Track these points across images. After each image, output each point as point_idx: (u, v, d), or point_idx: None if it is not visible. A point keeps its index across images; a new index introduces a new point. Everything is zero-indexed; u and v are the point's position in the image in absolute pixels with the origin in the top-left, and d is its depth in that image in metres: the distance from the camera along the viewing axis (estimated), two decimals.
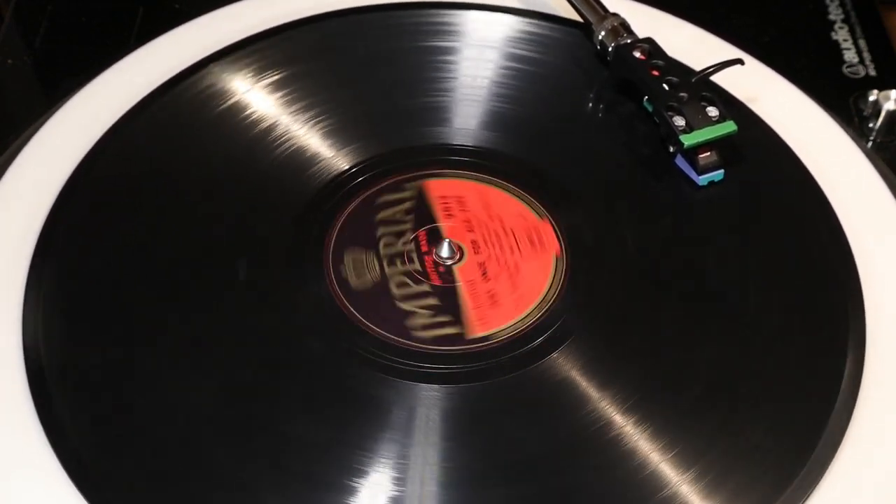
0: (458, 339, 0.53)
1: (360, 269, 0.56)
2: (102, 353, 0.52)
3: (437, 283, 0.56)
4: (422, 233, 0.57)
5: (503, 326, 0.54)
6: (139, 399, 0.51)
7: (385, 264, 0.56)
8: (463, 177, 0.60)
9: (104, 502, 0.48)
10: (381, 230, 0.57)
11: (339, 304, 0.54)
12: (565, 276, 0.56)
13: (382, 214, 0.58)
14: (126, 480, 0.48)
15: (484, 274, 0.56)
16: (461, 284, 0.56)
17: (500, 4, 0.67)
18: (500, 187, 0.60)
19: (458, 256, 0.57)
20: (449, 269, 0.56)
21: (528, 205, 0.59)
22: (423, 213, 0.58)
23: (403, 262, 0.56)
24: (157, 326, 0.53)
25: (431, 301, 0.55)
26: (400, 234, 0.57)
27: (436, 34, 0.65)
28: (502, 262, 0.57)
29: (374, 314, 0.54)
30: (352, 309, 0.54)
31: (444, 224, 0.58)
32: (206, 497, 0.48)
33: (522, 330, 0.54)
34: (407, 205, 0.58)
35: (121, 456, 0.49)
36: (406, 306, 0.55)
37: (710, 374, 0.52)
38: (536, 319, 0.54)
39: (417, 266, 0.56)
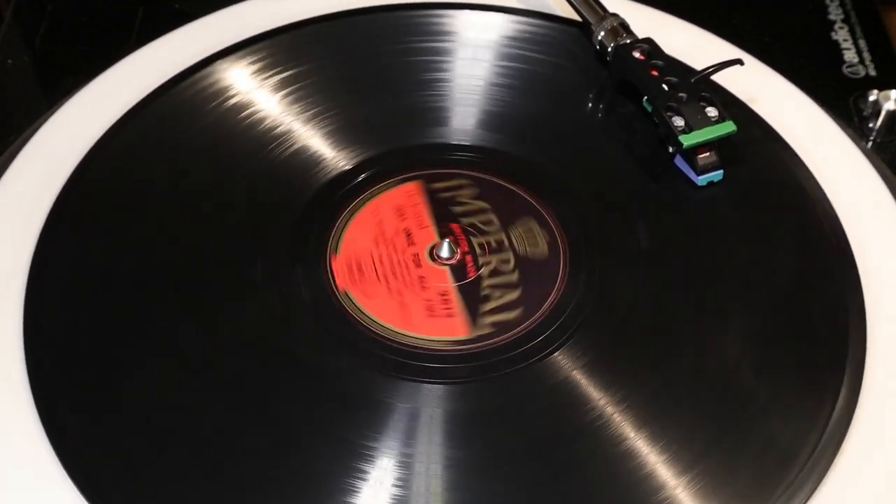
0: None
1: (531, 239, 0.57)
2: (103, 353, 0.52)
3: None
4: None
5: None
6: (140, 401, 0.51)
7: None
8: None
9: (104, 502, 0.48)
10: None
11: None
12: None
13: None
14: (126, 481, 0.48)
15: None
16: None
17: (501, 5, 0.67)
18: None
19: (458, 256, 0.57)
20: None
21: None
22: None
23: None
24: (158, 326, 0.53)
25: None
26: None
27: (436, 34, 0.66)
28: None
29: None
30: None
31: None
32: (207, 497, 0.48)
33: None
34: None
35: (121, 456, 0.49)
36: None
37: (709, 374, 0.52)
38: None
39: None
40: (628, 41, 0.62)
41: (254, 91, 0.62)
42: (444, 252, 0.57)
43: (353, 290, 0.55)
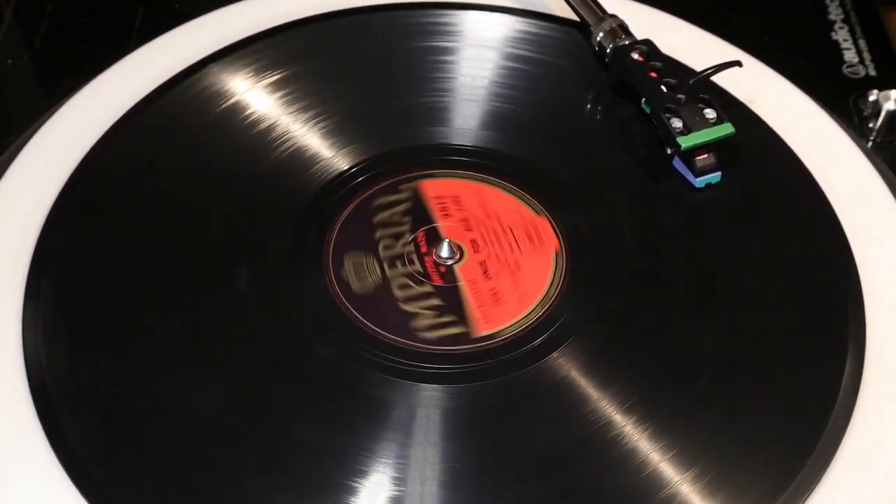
0: (464, 338, 0.54)
1: (361, 273, 0.56)
2: (103, 355, 0.52)
3: (439, 283, 0.56)
4: (420, 234, 0.58)
5: (508, 324, 0.54)
6: (140, 402, 0.51)
7: (386, 266, 0.56)
8: (458, 176, 0.60)
9: (104, 502, 0.48)
10: (379, 232, 0.57)
11: (339, 304, 0.54)
12: (566, 273, 0.56)
13: (380, 217, 0.58)
14: (126, 481, 0.48)
15: (485, 272, 0.56)
16: (463, 284, 0.56)
17: (500, 5, 0.67)
18: (497, 185, 0.60)
19: (458, 256, 0.57)
20: (450, 268, 0.56)
21: (524, 202, 0.59)
22: (420, 214, 0.58)
23: (404, 264, 0.56)
24: (158, 328, 0.53)
25: (435, 301, 0.55)
26: (399, 236, 0.57)
27: (435, 34, 0.66)
28: (503, 260, 0.57)
29: (377, 317, 0.54)
30: (352, 309, 0.54)
31: (441, 224, 0.58)
32: (207, 498, 0.48)
33: (526, 327, 0.54)
34: (403, 206, 0.58)
35: (121, 456, 0.49)
36: (409, 308, 0.55)
37: (709, 374, 0.52)
38: (540, 316, 0.54)
39: (418, 267, 0.56)
40: (627, 42, 0.62)
41: (253, 91, 0.62)
42: (444, 252, 0.57)
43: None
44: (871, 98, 0.67)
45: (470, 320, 0.54)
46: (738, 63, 0.61)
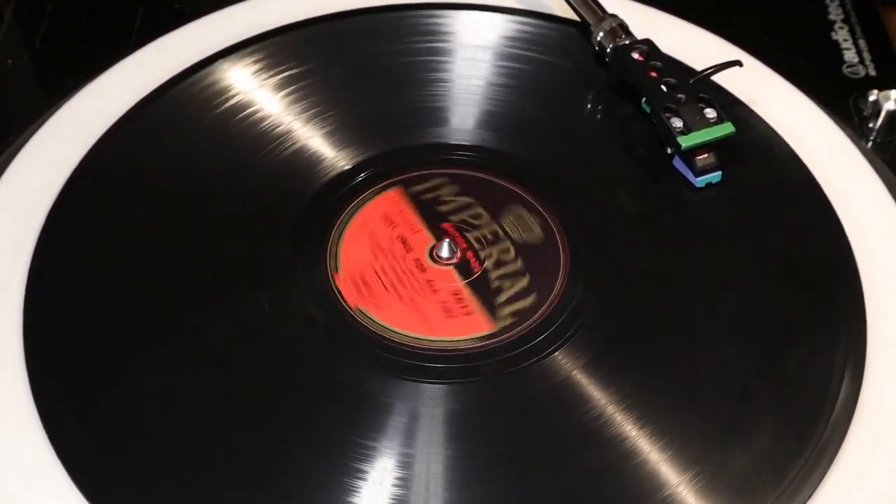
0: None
1: (524, 225, 0.57)
2: (102, 352, 0.52)
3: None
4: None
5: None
6: (140, 402, 0.51)
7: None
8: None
9: (104, 501, 0.48)
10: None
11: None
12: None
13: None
14: (126, 480, 0.48)
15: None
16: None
17: (501, 5, 0.67)
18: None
19: (458, 255, 0.57)
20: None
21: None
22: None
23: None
24: (158, 326, 0.53)
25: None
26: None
27: (435, 35, 0.66)
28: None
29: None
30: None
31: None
32: (207, 497, 0.48)
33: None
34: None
35: (121, 455, 0.49)
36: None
37: (710, 374, 0.52)
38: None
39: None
40: (627, 42, 0.62)
41: (253, 91, 0.62)
42: (445, 252, 0.57)
43: (364, 306, 0.55)
44: (871, 98, 0.67)
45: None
46: (738, 63, 0.61)
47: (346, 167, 0.60)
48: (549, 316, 0.54)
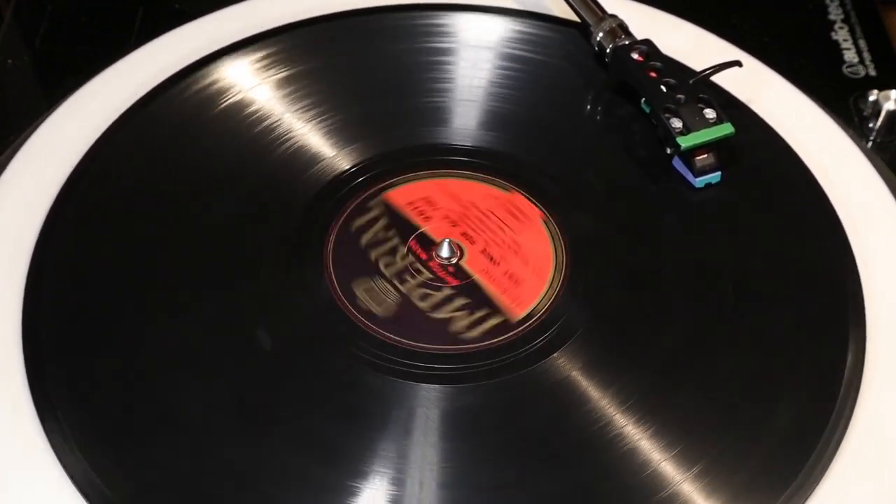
0: (506, 326, 0.54)
1: (376, 297, 0.55)
2: (102, 353, 0.52)
3: (455, 283, 0.56)
4: (412, 242, 0.57)
5: (538, 299, 0.55)
6: (140, 402, 0.51)
7: (397, 283, 0.56)
8: (419, 178, 0.60)
9: (103, 501, 0.48)
10: (373, 253, 0.57)
11: (339, 304, 0.54)
12: (563, 239, 0.57)
13: (365, 238, 0.57)
14: (126, 479, 0.48)
15: (491, 259, 0.56)
16: (478, 276, 0.56)
17: (501, 6, 0.67)
18: (460, 177, 0.60)
19: (459, 253, 0.57)
20: (458, 266, 0.56)
21: (490, 184, 0.59)
22: (402, 225, 0.58)
23: (413, 276, 0.56)
24: (157, 328, 0.53)
25: (461, 301, 0.55)
26: (394, 251, 0.57)
27: (436, 35, 0.66)
28: (501, 243, 0.57)
29: (414, 332, 0.54)
30: (351, 309, 0.54)
31: (428, 227, 0.58)
32: (206, 497, 0.48)
33: (510, 336, 0.54)
34: (382, 222, 0.58)
35: (121, 455, 0.49)
36: (440, 315, 0.55)
37: (710, 374, 0.52)
38: (547, 306, 0.54)
39: (428, 274, 0.56)
40: (627, 42, 0.62)
41: (253, 91, 0.62)
42: (445, 252, 0.57)
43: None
44: (871, 98, 0.67)
45: (502, 307, 0.55)
46: (737, 63, 0.61)
47: (346, 167, 0.60)
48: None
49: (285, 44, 0.65)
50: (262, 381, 0.52)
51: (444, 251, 0.57)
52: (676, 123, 0.58)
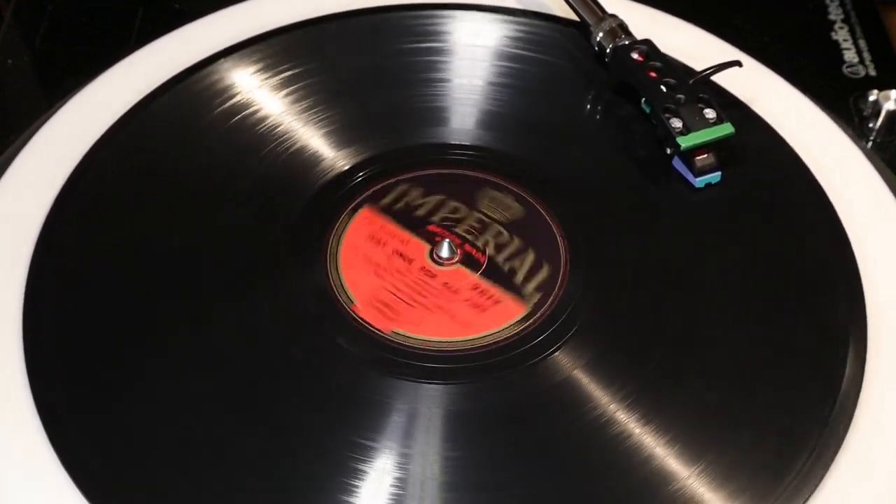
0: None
1: (501, 204, 0.58)
2: (102, 353, 0.52)
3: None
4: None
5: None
6: (140, 402, 0.51)
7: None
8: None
9: (103, 501, 0.48)
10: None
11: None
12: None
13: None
14: (126, 480, 0.48)
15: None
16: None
17: (500, 5, 0.67)
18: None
19: (458, 255, 0.57)
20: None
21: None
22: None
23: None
24: (157, 326, 0.53)
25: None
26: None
27: (435, 35, 0.66)
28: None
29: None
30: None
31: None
32: (206, 497, 0.48)
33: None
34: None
35: (121, 455, 0.49)
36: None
37: (711, 374, 0.52)
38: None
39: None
40: (627, 42, 0.62)
41: (253, 91, 0.62)
42: (445, 252, 0.57)
43: (398, 326, 0.54)
44: (871, 98, 0.67)
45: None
46: (737, 63, 0.61)
47: (346, 167, 0.60)
48: (549, 316, 0.54)
49: (286, 44, 0.65)
50: (262, 381, 0.52)
51: (444, 251, 0.57)
52: (676, 123, 0.58)
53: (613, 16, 0.63)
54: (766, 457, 0.49)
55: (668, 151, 0.59)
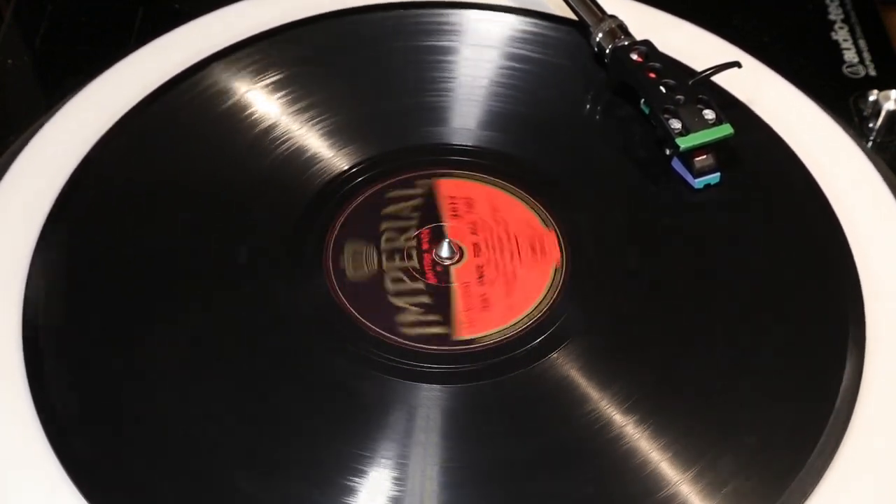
0: (444, 339, 0.54)
1: (358, 261, 0.56)
2: (102, 353, 0.52)
3: (432, 281, 0.56)
4: (425, 231, 0.58)
5: (490, 332, 0.54)
6: (140, 401, 0.51)
7: (384, 258, 0.56)
8: (473, 178, 0.60)
9: (104, 502, 0.48)
10: (385, 224, 0.57)
11: (339, 304, 0.54)
12: (561, 288, 0.56)
13: (390, 209, 0.58)
14: (126, 480, 0.48)
15: (480, 277, 0.56)
16: (456, 285, 0.56)
17: (500, 4, 0.67)
18: (511, 193, 0.59)
19: (457, 257, 0.57)
20: (446, 269, 0.56)
21: (537, 213, 0.59)
22: (430, 212, 0.58)
23: (402, 258, 0.56)
24: (157, 325, 0.53)
25: (423, 299, 0.55)
26: (404, 230, 0.57)
27: (435, 34, 0.66)
28: (500, 268, 0.57)
29: (364, 306, 0.54)
30: (352, 309, 0.54)
31: (449, 224, 0.58)
32: (206, 497, 0.48)
33: (508, 337, 0.54)
34: (415, 202, 0.58)
35: (121, 455, 0.49)
36: (398, 302, 0.55)
37: (710, 375, 0.52)
38: (525, 328, 0.54)
39: (416, 263, 0.56)
40: (626, 43, 0.62)
41: (253, 91, 0.62)
42: (444, 252, 0.57)
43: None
44: (871, 98, 0.67)
45: (454, 322, 0.54)
46: (737, 64, 0.61)
47: (346, 167, 0.60)
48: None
49: (286, 43, 0.65)
50: (262, 381, 0.52)
51: (444, 251, 0.57)
52: (675, 124, 0.58)
53: (613, 16, 0.63)
54: (766, 457, 0.49)
55: (668, 152, 0.59)
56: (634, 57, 0.61)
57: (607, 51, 0.62)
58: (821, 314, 0.54)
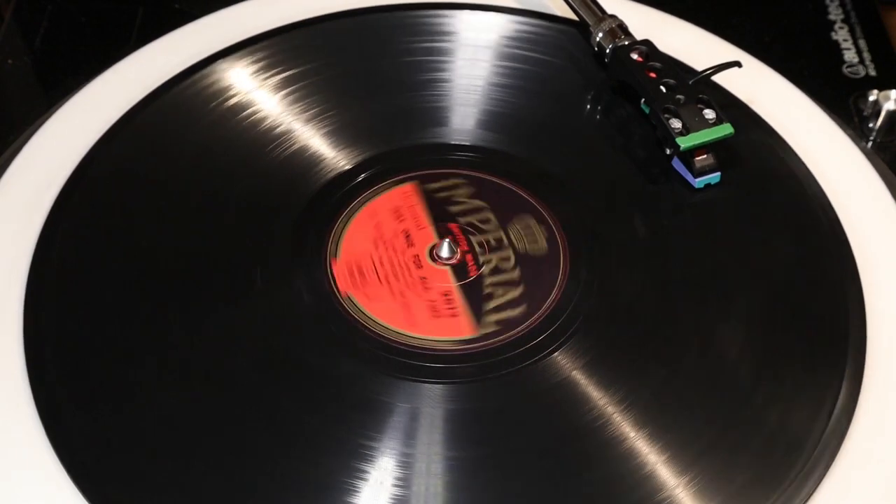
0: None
1: (531, 236, 0.57)
2: (103, 354, 0.52)
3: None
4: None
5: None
6: (140, 402, 0.51)
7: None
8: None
9: (104, 501, 0.48)
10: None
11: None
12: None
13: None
14: (126, 480, 0.49)
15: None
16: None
17: (500, 5, 0.67)
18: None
19: (459, 255, 0.57)
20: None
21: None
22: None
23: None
24: (157, 325, 0.53)
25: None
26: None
27: (434, 34, 0.66)
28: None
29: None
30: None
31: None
32: (207, 498, 0.48)
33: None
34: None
35: (121, 456, 0.49)
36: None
37: (709, 373, 0.52)
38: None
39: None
40: (626, 42, 0.62)
41: (253, 91, 0.62)
42: (444, 252, 0.57)
43: (355, 294, 0.55)
44: (871, 98, 0.67)
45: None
46: (737, 63, 0.61)
47: (346, 167, 0.60)
48: (548, 316, 0.54)
49: (286, 44, 0.65)
50: (262, 381, 0.52)
51: (444, 251, 0.57)
52: (676, 124, 0.58)
53: (613, 16, 0.63)
54: (766, 458, 0.49)
55: (668, 152, 0.59)
56: (635, 56, 0.61)
57: (607, 51, 0.62)
58: (821, 314, 0.54)
